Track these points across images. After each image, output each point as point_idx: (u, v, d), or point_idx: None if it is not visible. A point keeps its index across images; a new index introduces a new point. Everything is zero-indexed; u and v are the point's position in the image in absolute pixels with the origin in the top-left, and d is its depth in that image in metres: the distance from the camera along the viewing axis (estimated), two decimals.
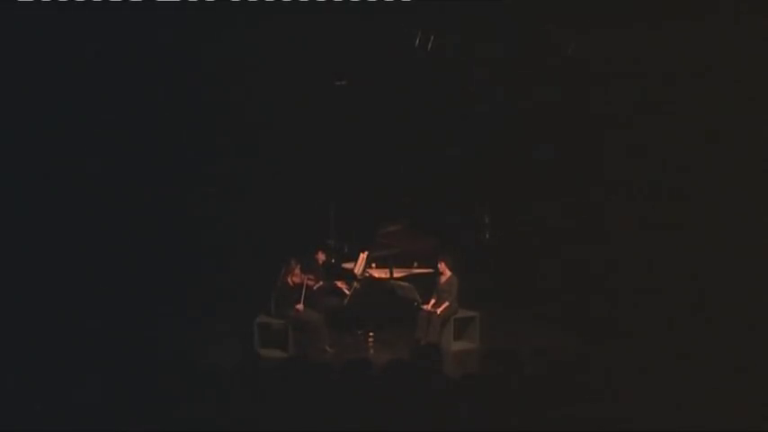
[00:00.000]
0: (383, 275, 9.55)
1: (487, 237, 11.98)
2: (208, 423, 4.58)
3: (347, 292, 9.49)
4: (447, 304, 9.12)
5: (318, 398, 4.75)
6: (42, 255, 9.21)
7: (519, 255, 11.06)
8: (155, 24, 8.54)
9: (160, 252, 10.24)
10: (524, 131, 10.81)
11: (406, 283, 9.39)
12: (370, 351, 9.07)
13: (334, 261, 9.95)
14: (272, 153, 11.02)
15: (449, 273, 9.25)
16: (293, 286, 9.07)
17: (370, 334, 9.31)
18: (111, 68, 9.23)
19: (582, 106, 10.10)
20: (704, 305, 8.56)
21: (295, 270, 9.10)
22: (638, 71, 9.39)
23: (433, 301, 9.22)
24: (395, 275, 9.48)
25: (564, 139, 10.43)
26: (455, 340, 9.28)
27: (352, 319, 9.57)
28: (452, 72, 10.31)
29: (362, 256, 9.59)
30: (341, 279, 9.69)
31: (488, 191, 11.60)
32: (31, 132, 9.18)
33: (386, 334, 9.37)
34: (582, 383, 5.10)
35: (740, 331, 7.93)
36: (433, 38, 9.58)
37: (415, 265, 9.81)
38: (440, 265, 9.30)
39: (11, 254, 8.96)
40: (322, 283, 9.49)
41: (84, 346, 7.37)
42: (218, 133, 10.65)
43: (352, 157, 11.28)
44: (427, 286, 9.39)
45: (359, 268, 9.55)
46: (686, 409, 5.02)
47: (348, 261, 9.90)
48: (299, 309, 8.95)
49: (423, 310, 9.18)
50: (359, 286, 9.47)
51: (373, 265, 9.73)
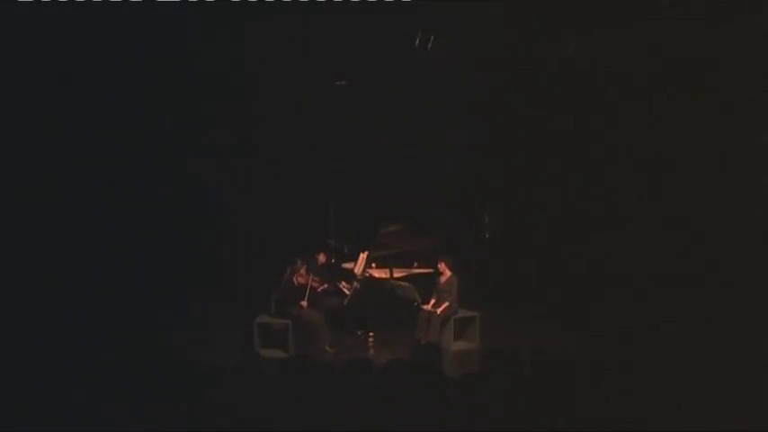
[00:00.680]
0: (383, 275, 9.56)
1: (487, 237, 11.99)
2: (208, 423, 4.58)
3: (347, 292, 9.49)
4: (447, 304, 9.12)
5: (318, 398, 4.74)
6: (42, 255, 9.21)
7: (519, 255, 11.06)
8: (155, 24, 8.54)
9: (160, 252, 10.24)
10: (524, 131, 10.82)
11: (406, 283, 9.39)
12: (370, 351, 9.09)
13: (334, 261, 9.96)
14: (272, 153, 11.03)
15: (449, 273, 9.25)
16: (297, 286, 9.08)
17: (370, 334, 9.33)
18: (111, 68, 9.23)
19: (582, 106, 10.11)
20: (706, 304, 8.55)
21: (300, 270, 9.11)
22: (637, 71, 9.39)
23: (433, 301, 9.23)
24: (395, 275, 9.49)
25: (564, 139, 10.44)
26: (455, 340, 9.28)
27: (352, 319, 9.58)
28: (452, 72, 10.31)
29: (362, 256, 9.60)
30: (341, 279, 9.69)
31: (488, 191, 11.60)
32: (31, 132, 9.18)
33: (386, 334, 9.38)
34: (582, 383, 5.10)
35: (741, 331, 7.93)
36: (432, 38, 9.58)
37: (415, 265, 9.83)
38: (440, 265, 9.30)
39: (11, 254, 8.96)
40: (326, 285, 9.49)
41: (84, 345, 7.36)
42: (217, 133, 10.66)
43: (352, 157, 11.28)
44: (427, 286, 9.39)
45: (359, 268, 9.56)
46: (686, 409, 5.02)
47: (348, 261, 9.90)
48: (303, 305, 8.97)
49: (423, 310, 9.19)
50: (359, 286, 9.48)
51: (373, 265, 9.74)
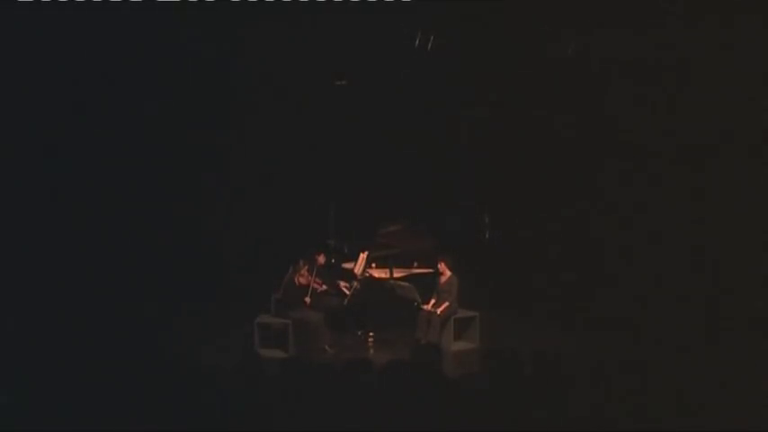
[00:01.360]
0: (383, 275, 9.56)
1: (487, 237, 11.98)
2: (208, 423, 4.58)
3: (347, 292, 9.49)
4: (447, 304, 9.12)
5: (318, 398, 4.74)
6: (42, 255, 9.21)
7: (519, 255, 11.06)
8: (154, 24, 8.54)
9: (160, 252, 10.24)
10: (524, 131, 10.81)
11: (406, 283, 9.39)
12: (370, 351, 9.09)
13: (334, 261, 9.95)
14: (272, 153, 11.02)
15: (449, 273, 9.25)
16: (299, 287, 9.08)
17: (370, 334, 9.33)
18: (111, 68, 9.23)
19: (582, 106, 10.10)
20: (707, 305, 8.55)
21: (302, 271, 9.12)
22: (637, 71, 9.39)
23: (433, 301, 9.22)
24: (395, 275, 9.49)
25: (564, 139, 10.43)
26: (455, 340, 9.28)
27: (352, 319, 9.58)
28: (452, 72, 10.30)
29: (362, 256, 9.59)
30: (341, 279, 9.69)
31: (488, 191, 11.60)
32: (31, 132, 9.18)
33: (386, 334, 9.38)
34: (582, 383, 5.10)
35: (742, 331, 7.93)
36: (432, 38, 9.58)
37: (415, 265, 9.82)
38: (440, 265, 9.30)
39: (11, 254, 8.96)
40: (326, 287, 9.49)
41: (84, 346, 7.36)
42: (217, 133, 10.66)
43: (351, 157, 11.28)
44: (427, 286, 9.39)
45: (359, 268, 9.55)
46: (687, 408, 5.01)
47: (348, 261, 9.90)
48: (307, 301, 9.00)
49: (423, 310, 9.18)
50: (359, 286, 9.47)
51: (373, 265, 9.73)
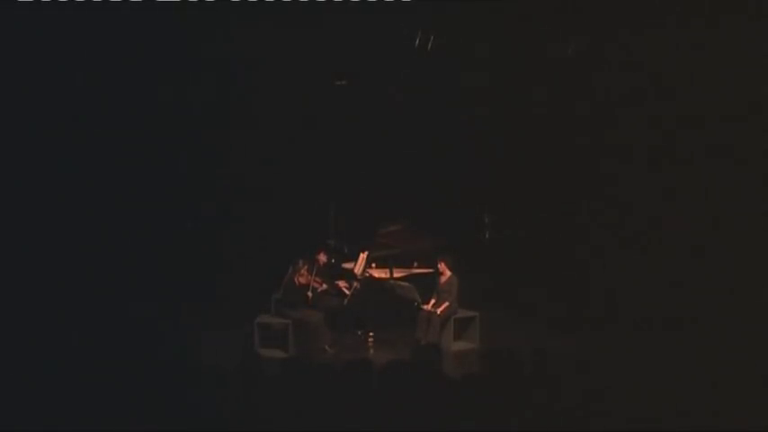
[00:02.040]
0: (383, 275, 9.56)
1: (487, 237, 11.98)
2: (208, 423, 4.58)
3: (347, 292, 9.49)
4: (447, 304, 9.12)
5: (318, 398, 4.74)
6: (43, 255, 9.21)
7: (519, 255, 11.05)
8: (154, 24, 8.54)
9: (160, 252, 10.24)
10: (524, 131, 10.81)
11: (406, 283, 9.39)
12: (370, 351, 9.09)
13: (334, 261, 9.96)
14: (272, 153, 11.02)
15: (449, 273, 9.25)
16: (299, 287, 9.09)
17: (370, 334, 9.32)
18: (112, 68, 9.23)
19: (582, 106, 10.10)
20: (707, 305, 8.55)
21: (302, 270, 9.12)
22: (636, 71, 9.39)
23: (433, 301, 9.22)
24: (395, 275, 9.49)
25: (564, 139, 10.43)
26: (455, 340, 9.28)
27: (352, 319, 9.58)
28: (452, 72, 10.30)
29: (362, 256, 9.59)
30: (341, 279, 9.69)
31: (488, 191, 11.60)
32: (32, 132, 9.17)
33: (386, 334, 9.38)
34: (582, 383, 5.10)
35: (742, 331, 7.92)
36: (432, 38, 9.58)
37: (415, 265, 9.82)
38: (440, 265, 9.30)
39: (10, 254, 8.96)
40: (326, 286, 9.49)
41: (84, 345, 7.36)
42: (217, 133, 10.65)
43: (352, 157, 11.27)
44: (427, 286, 9.39)
45: (359, 268, 9.55)
46: (687, 408, 5.02)
47: (348, 261, 9.90)
48: (309, 296, 9.03)
49: (423, 310, 9.18)
50: (359, 286, 9.47)
51: (373, 265, 9.73)
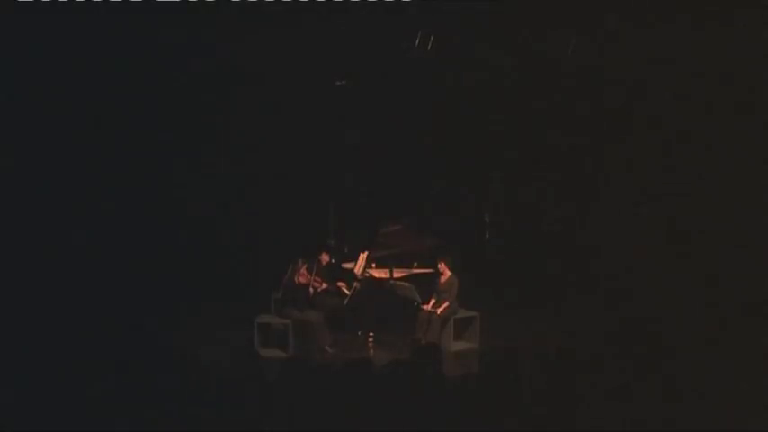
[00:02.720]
0: (383, 275, 9.56)
1: (487, 237, 11.99)
2: (208, 423, 4.59)
3: (347, 292, 9.49)
4: (447, 304, 9.12)
5: (318, 398, 4.75)
6: (43, 254, 9.20)
7: (519, 255, 11.05)
8: (155, 24, 8.54)
9: (160, 252, 10.24)
10: (524, 131, 10.82)
11: (406, 283, 9.38)
12: (370, 351, 9.08)
13: (334, 261, 9.96)
14: (272, 153, 11.02)
15: (449, 273, 9.24)
16: (299, 286, 9.09)
17: (370, 334, 9.32)
18: (112, 68, 9.23)
19: (582, 106, 10.10)
20: (707, 305, 8.55)
21: (302, 270, 9.12)
22: (636, 71, 9.39)
23: (433, 301, 9.22)
24: (395, 275, 9.49)
25: (564, 139, 10.43)
26: (455, 340, 9.27)
27: (352, 319, 9.58)
28: (452, 72, 10.30)
29: (362, 256, 9.59)
30: (341, 279, 9.70)
31: (488, 191, 11.60)
32: (32, 132, 9.17)
33: (386, 334, 9.38)
34: (582, 383, 5.10)
35: (742, 331, 7.93)
36: (432, 38, 9.58)
37: (415, 265, 9.82)
38: (440, 265, 9.29)
39: (10, 254, 8.96)
40: (326, 285, 9.49)
41: (84, 345, 7.36)
42: (217, 133, 10.66)
43: (352, 157, 11.27)
44: (427, 286, 9.39)
45: (359, 268, 9.55)
46: (687, 408, 5.02)
47: (348, 261, 9.90)
48: (310, 292, 9.03)
49: (423, 310, 9.18)
50: (359, 286, 9.47)
51: (373, 265, 9.73)
